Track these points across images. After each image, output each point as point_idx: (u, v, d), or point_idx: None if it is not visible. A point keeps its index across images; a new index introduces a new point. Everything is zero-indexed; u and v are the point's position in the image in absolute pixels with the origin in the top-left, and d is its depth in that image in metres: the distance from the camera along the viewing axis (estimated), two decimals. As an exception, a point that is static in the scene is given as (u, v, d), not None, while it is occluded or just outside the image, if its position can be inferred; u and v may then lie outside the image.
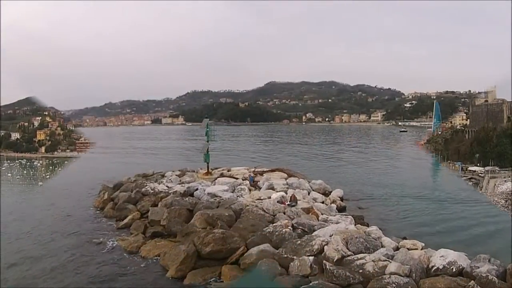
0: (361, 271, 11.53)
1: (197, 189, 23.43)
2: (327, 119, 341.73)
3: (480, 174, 40.65)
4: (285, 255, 12.40)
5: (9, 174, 48.91)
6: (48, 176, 46.75)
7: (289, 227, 14.46)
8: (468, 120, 65.27)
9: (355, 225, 16.94)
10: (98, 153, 68.35)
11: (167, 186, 25.08)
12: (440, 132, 65.21)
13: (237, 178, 27.53)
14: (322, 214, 17.51)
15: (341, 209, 22.06)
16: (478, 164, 43.66)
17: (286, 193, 21.90)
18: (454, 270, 11.64)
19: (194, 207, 18.81)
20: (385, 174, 36.44)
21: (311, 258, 11.93)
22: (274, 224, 14.85)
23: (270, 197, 21.12)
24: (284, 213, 16.90)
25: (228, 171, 32.53)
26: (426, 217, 21.29)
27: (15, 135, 73.86)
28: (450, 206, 23.61)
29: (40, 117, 77.70)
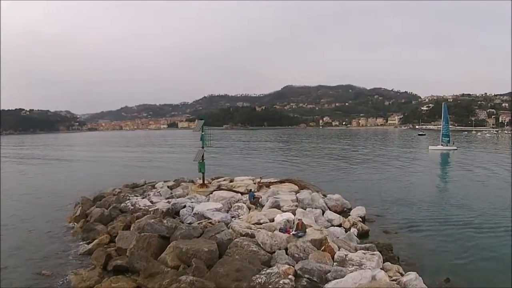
0: None
1: (184, 206, 19.20)
2: (344, 123, 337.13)
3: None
4: (280, 333, 7.91)
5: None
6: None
7: (289, 276, 9.91)
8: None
9: (383, 262, 12.39)
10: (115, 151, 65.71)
11: (150, 202, 20.83)
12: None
13: (237, 192, 23.21)
14: (339, 248, 12.87)
15: (363, 234, 17.49)
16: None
17: (294, 214, 17.45)
18: None
19: (171, 234, 14.40)
20: (414, 185, 31.29)
21: None
22: (268, 271, 10.28)
23: (273, 220, 16.74)
24: (286, 250, 12.29)
25: (230, 181, 28.30)
26: (469, 244, 16.37)
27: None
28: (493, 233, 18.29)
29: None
